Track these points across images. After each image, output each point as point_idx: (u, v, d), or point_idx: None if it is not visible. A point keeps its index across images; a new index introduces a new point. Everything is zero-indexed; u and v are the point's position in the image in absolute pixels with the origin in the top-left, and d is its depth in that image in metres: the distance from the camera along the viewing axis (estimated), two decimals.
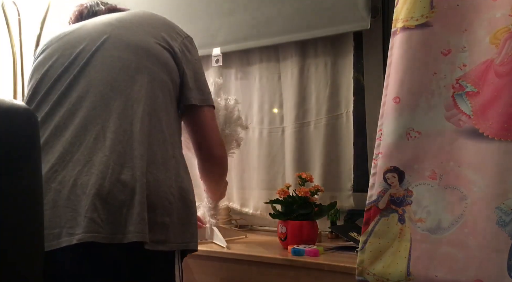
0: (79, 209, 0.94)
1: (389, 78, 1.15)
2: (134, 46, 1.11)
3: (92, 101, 1.04)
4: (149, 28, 1.16)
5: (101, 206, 0.94)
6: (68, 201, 0.95)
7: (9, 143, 0.69)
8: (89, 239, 0.92)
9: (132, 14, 1.21)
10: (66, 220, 0.94)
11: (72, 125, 1.02)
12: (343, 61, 1.73)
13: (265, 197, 1.76)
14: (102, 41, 1.11)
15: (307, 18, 1.71)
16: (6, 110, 0.69)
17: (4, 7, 1.83)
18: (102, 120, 1.02)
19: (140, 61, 1.09)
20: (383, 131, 1.14)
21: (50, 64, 1.13)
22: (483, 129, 1.03)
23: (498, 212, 0.98)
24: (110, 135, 1.00)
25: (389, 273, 1.08)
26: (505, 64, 1.02)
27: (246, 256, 1.37)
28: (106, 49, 1.10)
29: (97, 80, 1.06)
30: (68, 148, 1.00)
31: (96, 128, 1.01)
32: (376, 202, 1.12)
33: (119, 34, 1.12)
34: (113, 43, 1.11)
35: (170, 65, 1.14)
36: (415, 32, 1.12)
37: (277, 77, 1.87)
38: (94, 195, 0.94)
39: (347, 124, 1.71)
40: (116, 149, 0.99)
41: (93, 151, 0.99)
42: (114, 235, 0.94)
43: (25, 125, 0.71)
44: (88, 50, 1.10)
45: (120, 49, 1.10)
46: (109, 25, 1.15)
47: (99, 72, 1.07)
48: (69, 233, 0.93)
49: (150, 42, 1.12)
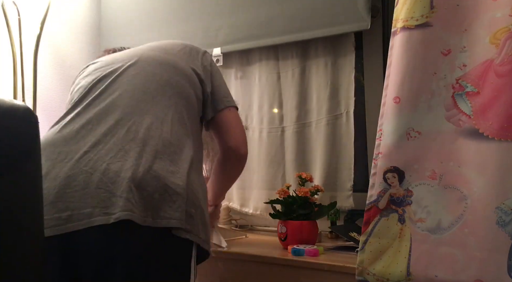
0: (113, 190, 0.97)
1: (389, 78, 1.15)
2: (165, 64, 1.21)
3: (125, 103, 1.11)
4: (175, 51, 1.27)
5: (135, 189, 0.98)
6: (101, 182, 0.98)
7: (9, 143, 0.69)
8: (126, 217, 0.94)
9: (157, 43, 1.32)
10: (99, 200, 0.96)
11: (105, 121, 1.08)
12: (344, 61, 1.73)
13: (265, 197, 1.76)
14: (135, 60, 1.21)
15: (307, 18, 1.71)
16: (6, 110, 0.69)
17: (4, 7, 1.82)
18: (135, 118, 1.08)
19: (170, 75, 1.18)
20: (383, 131, 1.14)
21: (86, 80, 1.21)
22: (483, 129, 1.03)
23: (498, 212, 0.98)
24: (142, 131, 1.06)
25: (389, 273, 1.08)
26: (505, 64, 1.02)
27: (246, 256, 1.37)
28: (139, 65, 1.19)
29: (131, 86, 1.14)
30: (101, 138, 1.05)
31: (129, 124, 1.07)
32: (376, 202, 1.12)
33: (150, 55, 1.23)
34: (146, 61, 1.21)
35: (195, 81, 1.22)
36: (415, 32, 1.12)
37: (276, 77, 1.87)
38: (129, 178, 0.98)
39: (347, 125, 1.71)
40: (148, 142, 1.05)
41: (125, 141, 1.04)
42: (147, 217, 0.97)
43: (25, 125, 0.71)
44: (121, 66, 1.20)
45: (152, 65, 1.20)
46: (140, 50, 1.27)
47: (132, 81, 1.16)
48: (104, 212, 0.96)
49: (177, 61, 1.23)
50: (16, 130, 0.70)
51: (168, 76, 1.18)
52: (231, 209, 1.91)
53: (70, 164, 1.01)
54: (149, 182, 1.00)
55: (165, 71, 1.19)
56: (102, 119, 1.09)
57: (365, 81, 1.74)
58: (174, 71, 1.20)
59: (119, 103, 1.11)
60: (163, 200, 1.00)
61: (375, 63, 1.70)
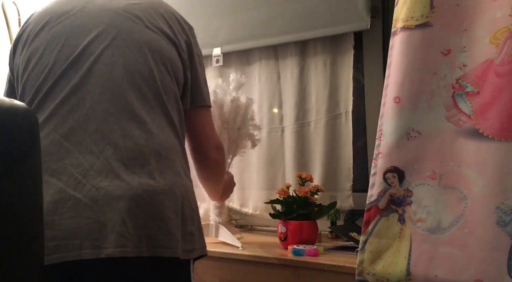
0: (104, 221, 0.90)
1: (389, 78, 1.15)
2: (145, 46, 1.03)
3: (103, 118, 0.97)
4: (158, 22, 1.08)
5: (128, 219, 0.91)
6: (90, 211, 0.90)
7: (9, 143, 0.69)
8: (119, 254, 0.89)
9: (138, 3, 1.10)
10: (89, 231, 0.89)
11: (89, 135, 0.96)
12: (342, 60, 1.73)
13: (265, 197, 1.76)
14: (113, 37, 1.02)
15: (307, 18, 1.71)
16: (6, 110, 0.69)
17: (4, 7, 1.83)
18: (119, 132, 0.97)
19: (150, 67, 1.02)
20: (383, 131, 1.14)
21: (54, 57, 1.02)
22: (483, 129, 1.03)
23: (498, 212, 0.98)
24: (131, 147, 0.96)
25: (389, 273, 1.08)
26: (505, 64, 1.02)
27: (246, 256, 1.37)
28: (117, 48, 1.02)
29: (107, 91, 0.99)
30: (89, 157, 0.95)
31: (115, 136, 0.96)
32: (376, 202, 1.12)
33: (130, 31, 1.04)
34: (125, 41, 1.02)
35: (177, 66, 1.08)
36: (415, 32, 1.12)
37: (276, 77, 1.87)
38: (122, 208, 0.91)
39: (346, 124, 1.71)
40: (136, 157, 0.96)
41: (112, 160, 0.94)
42: (142, 248, 0.92)
43: (25, 125, 0.71)
44: (96, 46, 1.01)
45: (131, 50, 1.02)
46: (117, 15, 1.05)
47: (110, 83, 0.99)
48: (95, 245, 0.89)
49: (159, 42, 1.06)
50: (16, 130, 0.70)
51: (148, 70, 1.02)
52: (231, 209, 1.91)
53: (57, 187, 0.92)
54: (142, 207, 0.93)
55: (143, 60, 1.02)
56: (85, 132, 0.96)
57: (365, 81, 1.74)
58: (155, 60, 1.03)
59: (98, 115, 0.97)
60: (157, 228, 0.94)
61: (375, 63, 1.70)
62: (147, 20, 1.07)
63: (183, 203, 1.00)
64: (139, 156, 0.96)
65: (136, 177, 0.94)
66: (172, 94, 1.06)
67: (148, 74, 1.02)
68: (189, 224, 1.01)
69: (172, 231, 0.96)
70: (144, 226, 0.93)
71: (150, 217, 0.94)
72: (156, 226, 0.94)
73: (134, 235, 0.91)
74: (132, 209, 0.92)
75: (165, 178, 0.98)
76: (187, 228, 1.00)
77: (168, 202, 0.96)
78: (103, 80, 0.99)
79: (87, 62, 1.00)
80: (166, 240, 0.95)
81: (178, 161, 1.04)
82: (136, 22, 1.05)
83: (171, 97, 1.06)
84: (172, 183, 0.99)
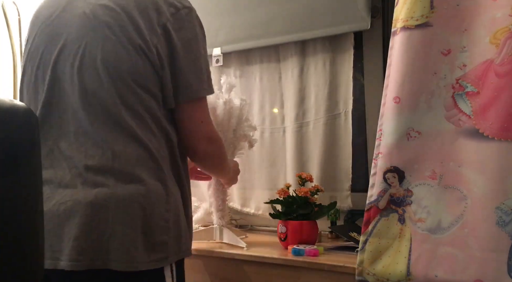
0: (61, 235, 0.96)
1: (389, 78, 1.15)
2: (103, 65, 1.00)
3: (74, 129, 1.02)
4: (126, 28, 1.01)
5: (83, 234, 0.95)
6: (50, 222, 0.96)
7: (9, 143, 0.69)
8: (70, 268, 0.94)
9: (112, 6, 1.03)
10: (50, 243, 0.95)
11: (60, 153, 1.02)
12: (342, 60, 1.73)
13: (267, 197, 1.76)
14: (74, 55, 1.02)
15: (307, 18, 1.71)
16: (6, 110, 0.69)
17: (4, 7, 1.83)
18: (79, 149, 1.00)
19: (121, 95, 1.00)
20: (383, 131, 1.14)
21: (37, 62, 1.07)
22: (483, 129, 1.03)
23: (498, 212, 0.98)
24: (97, 158, 0.99)
25: (389, 273, 1.07)
26: (505, 64, 1.02)
27: (246, 256, 1.37)
28: (77, 69, 1.01)
29: (68, 112, 1.02)
30: (60, 175, 1.01)
31: (78, 156, 1.00)
32: (376, 202, 1.12)
33: (91, 46, 1.01)
34: (85, 58, 1.01)
35: (152, 81, 1.02)
36: (415, 32, 1.12)
37: (277, 77, 1.87)
38: (77, 223, 0.95)
39: (346, 124, 1.71)
40: (99, 169, 0.99)
41: (76, 178, 0.99)
42: (94, 261, 0.95)
43: (25, 125, 0.71)
44: (62, 63, 1.03)
45: (89, 71, 1.00)
46: (84, 25, 1.02)
47: (69, 105, 1.02)
48: (54, 257, 0.95)
49: (121, 56, 1.00)
50: (16, 131, 0.70)
51: (120, 98, 1.00)
52: (231, 209, 1.91)
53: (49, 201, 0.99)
54: (99, 222, 0.96)
55: (114, 88, 1.00)
56: (62, 146, 1.02)
57: (365, 81, 1.74)
58: (125, 85, 1.00)
59: (65, 132, 1.02)
60: (110, 243, 0.95)
61: (375, 63, 1.69)
62: (115, 27, 1.01)
63: (150, 215, 0.99)
64: (102, 168, 0.99)
65: (92, 189, 0.97)
66: (136, 104, 1.02)
67: (104, 94, 1.01)
68: (159, 235, 1.00)
69: (126, 245, 0.96)
70: (97, 240, 0.95)
71: (103, 232, 0.96)
72: (109, 240, 0.96)
73: (87, 249, 0.95)
74: (86, 224, 0.95)
75: (126, 189, 0.98)
76: (156, 238, 1.00)
77: (125, 216, 0.97)
78: (65, 102, 1.03)
79: (58, 83, 1.04)
80: (119, 254, 0.96)
81: (149, 169, 1.02)
82: (101, 32, 1.01)
83: (133, 107, 1.01)
84: (131, 194, 0.98)
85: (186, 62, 1.06)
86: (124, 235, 0.96)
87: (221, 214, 1.57)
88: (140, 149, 1.01)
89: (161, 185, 1.03)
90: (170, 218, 1.03)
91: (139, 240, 0.98)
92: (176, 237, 1.04)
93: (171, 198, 1.04)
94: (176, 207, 1.06)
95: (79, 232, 0.95)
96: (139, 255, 0.97)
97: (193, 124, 1.10)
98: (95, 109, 1.01)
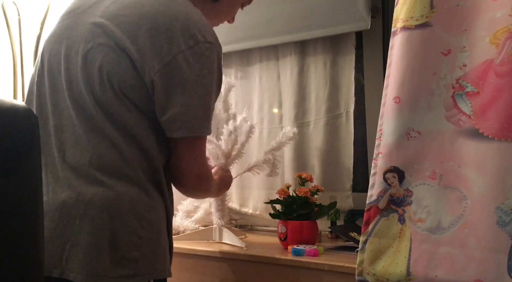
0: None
1: (389, 78, 1.15)
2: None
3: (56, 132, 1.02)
4: (124, 41, 0.97)
5: (52, 239, 0.94)
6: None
7: (9, 143, 0.69)
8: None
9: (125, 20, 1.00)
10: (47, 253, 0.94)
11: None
12: (343, 60, 1.73)
13: (265, 197, 1.76)
14: (67, 61, 1.02)
15: (307, 18, 1.71)
16: (6, 110, 0.69)
17: (4, 7, 1.83)
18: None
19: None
20: (383, 131, 1.14)
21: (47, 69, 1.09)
22: (483, 129, 1.03)
23: (498, 212, 0.98)
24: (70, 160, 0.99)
25: (389, 273, 1.07)
26: (505, 64, 1.02)
27: (246, 256, 1.37)
28: (68, 71, 1.01)
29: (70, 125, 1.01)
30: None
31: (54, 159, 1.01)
32: (376, 202, 1.12)
33: (82, 56, 1.00)
34: (77, 63, 1.00)
35: (130, 84, 0.98)
36: (415, 32, 1.12)
37: (276, 77, 1.87)
38: (49, 228, 0.94)
39: (347, 124, 1.71)
40: (78, 171, 0.97)
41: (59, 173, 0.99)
42: (52, 269, 0.93)
43: (25, 125, 0.71)
44: (65, 73, 1.03)
45: (81, 72, 1.00)
46: (88, 31, 1.01)
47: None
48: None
49: (115, 64, 0.97)
50: (16, 131, 0.70)
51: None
52: (230, 209, 1.91)
53: None
54: (61, 229, 0.95)
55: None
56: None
57: (365, 81, 1.74)
58: (107, 81, 0.99)
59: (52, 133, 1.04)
60: (75, 252, 0.93)
61: (375, 63, 1.69)
62: (117, 37, 0.98)
63: (120, 227, 0.95)
64: (85, 170, 0.97)
65: (64, 192, 0.96)
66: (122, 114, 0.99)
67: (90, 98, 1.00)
68: (127, 250, 0.95)
69: (88, 256, 0.93)
70: (59, 247, 0.94)
71: (67, 239, 0.94)
72: (72, 249, 0.94)
73: (47, 256, 0.90)
74: (51, 229, 0.95)
75: (97, 195, 0.95)
76: (124, 254, 0.95)
77: (92, 225, 0.94)
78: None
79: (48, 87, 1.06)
80: (80, 265, 0.93)
81: (128, 179, 0.98)
82: (99, 42, 0.99)
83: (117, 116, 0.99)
84: (103, 202, 0.95)
85: (185, 97, 0.99)
86: (88, 246, 0.93)
87: (221, 214, 1.57)
88: (119, 156, 0.98)
89: (142, 196, 0.98)
90: (144, 234, 0.97)
91: (104, 253, 0.93)
92: (151, 256, 0.98)
93: (151, 213, 0.99)
94: (157, 222, 1.01)
95: (50, 237, 0.94)
96: (102, 268, 0.93)
97: (182, 162, 1.05)
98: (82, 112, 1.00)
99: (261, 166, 1.57)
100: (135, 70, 0.97)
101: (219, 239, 1.56)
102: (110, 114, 0.98)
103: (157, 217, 1.01)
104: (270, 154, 1.56)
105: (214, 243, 1.55)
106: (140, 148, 1.00)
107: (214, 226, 1.58)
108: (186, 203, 1.77)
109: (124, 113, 0.99)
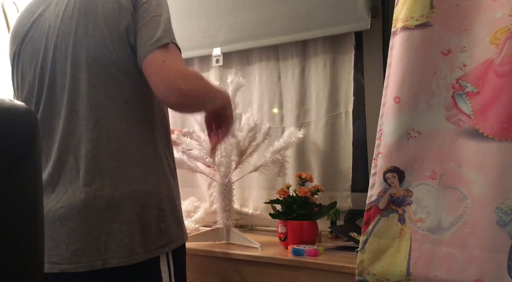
0: (58, 239, 0.99)
1: (389, 78, 1.15)
2: (85, 61, 1.03)
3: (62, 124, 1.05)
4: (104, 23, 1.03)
5: (78, 238, 0.98)
6: (49, 230, 1.00)
7: (9, 143, 0.69)
8: (69, 270, 0.98)
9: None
10: (47, 248, 0.97)
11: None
12: (343, 60, 1.73)
13: (265, 197, 1.76)
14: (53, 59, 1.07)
15: (307, 18, 1.71)
16: (6, 110, 0.69)
17: (4, 7, 1.83)
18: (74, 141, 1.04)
19: (97, 88, 1.03)
20: (383, 131, 1.14)
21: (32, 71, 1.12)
22: (483, 129, 1.03)
23: (498, 212, 0.98)
24: (83, 155, 1.02)
25: (389, 273, 1.08)
26: (505, 64, 1.02)
27: (246, 256, 1.37)
28: (58, 65, 1.06)
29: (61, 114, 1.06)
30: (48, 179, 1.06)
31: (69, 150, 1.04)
32: (376, 202, 1.12)
33: (66, 45, 1.05)
34: (62, 56, 1.06)
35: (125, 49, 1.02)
36: (415, 32, 1.12)
37: (277, 77, 1.87)
38: (73, 227, 0.99)
39: (346, 124, 1.71)
40: (89, 174, 1.01)
41: (71, 182, 1.02)
42: (95, 262, 0.98)
43: (25, 125, 0.71)
44: (50, 67, 1.08)
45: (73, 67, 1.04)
46: (56, 29, 1.07)
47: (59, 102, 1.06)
48: (51, 261, 0.99)
49: (102, 50, 1.02)
50: (16, 131, 0.70)
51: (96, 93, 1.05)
52: None
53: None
54: (90, 225, 0.99)
55: (87, 77, 1.05)
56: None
57: (365, 81, 1.74)
58: (98, 76, 1.05)
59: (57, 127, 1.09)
60: (111, 241, 0.99)
61: (375, 63, 1.69)
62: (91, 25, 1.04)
63: (141, 209, 1.03)
64: (92, 167, 1.02)
65: (79, 190, 1.01)
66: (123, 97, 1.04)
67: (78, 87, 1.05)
68: (155, 224, 1.04)
69: (123, 241, 1.00)
70: (94, 242, 0.99)
71: (99, 232, 0.99)
72: (106, 240, 0.99)
73: (86, 252, 0.99)
74: (79, 228, 0.99)
75: (116, 188, 1.01)
76: (152, 229, 1.03)
77: (117, 215, 1.00)
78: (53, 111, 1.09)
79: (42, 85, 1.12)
80: (119, 251, 0.99)
81: (137, 165, 1.05)
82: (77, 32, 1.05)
83: (120, 99, 1.04)
84: (123, 193, 1.01)
85: (150, 18, 1.04)
86: (119, 232, 1.00)
87: (228, 214, 1.56)
88: (132, 146, 1.04)
89: (150, 180, 1.06)
90: (166, 206, 1.07)
91: (136, 233, 1.01)
92: (174, 224, 1.08)
93: (161, 189, 1.08)
94: (170, 196, 1.10)
95: (75, 236, 0.99)
96: (137, 246, 1.01)
97: (156, 67, 0.99)
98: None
99: (268, 166, 1.57)
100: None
101: (227, 240, 1.55)
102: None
103: (172, 191, 1.11)
104: (278, 153, 1.56)
105: (214, 243, 1.55)
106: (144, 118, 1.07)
107: (221, 227, 1.57)
108: (186, 203, 1.77)
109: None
